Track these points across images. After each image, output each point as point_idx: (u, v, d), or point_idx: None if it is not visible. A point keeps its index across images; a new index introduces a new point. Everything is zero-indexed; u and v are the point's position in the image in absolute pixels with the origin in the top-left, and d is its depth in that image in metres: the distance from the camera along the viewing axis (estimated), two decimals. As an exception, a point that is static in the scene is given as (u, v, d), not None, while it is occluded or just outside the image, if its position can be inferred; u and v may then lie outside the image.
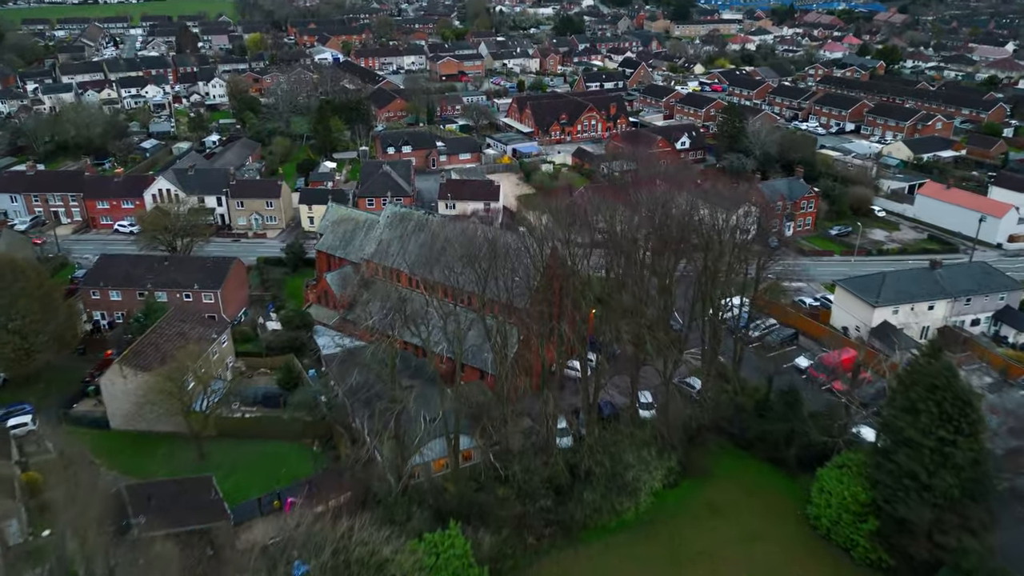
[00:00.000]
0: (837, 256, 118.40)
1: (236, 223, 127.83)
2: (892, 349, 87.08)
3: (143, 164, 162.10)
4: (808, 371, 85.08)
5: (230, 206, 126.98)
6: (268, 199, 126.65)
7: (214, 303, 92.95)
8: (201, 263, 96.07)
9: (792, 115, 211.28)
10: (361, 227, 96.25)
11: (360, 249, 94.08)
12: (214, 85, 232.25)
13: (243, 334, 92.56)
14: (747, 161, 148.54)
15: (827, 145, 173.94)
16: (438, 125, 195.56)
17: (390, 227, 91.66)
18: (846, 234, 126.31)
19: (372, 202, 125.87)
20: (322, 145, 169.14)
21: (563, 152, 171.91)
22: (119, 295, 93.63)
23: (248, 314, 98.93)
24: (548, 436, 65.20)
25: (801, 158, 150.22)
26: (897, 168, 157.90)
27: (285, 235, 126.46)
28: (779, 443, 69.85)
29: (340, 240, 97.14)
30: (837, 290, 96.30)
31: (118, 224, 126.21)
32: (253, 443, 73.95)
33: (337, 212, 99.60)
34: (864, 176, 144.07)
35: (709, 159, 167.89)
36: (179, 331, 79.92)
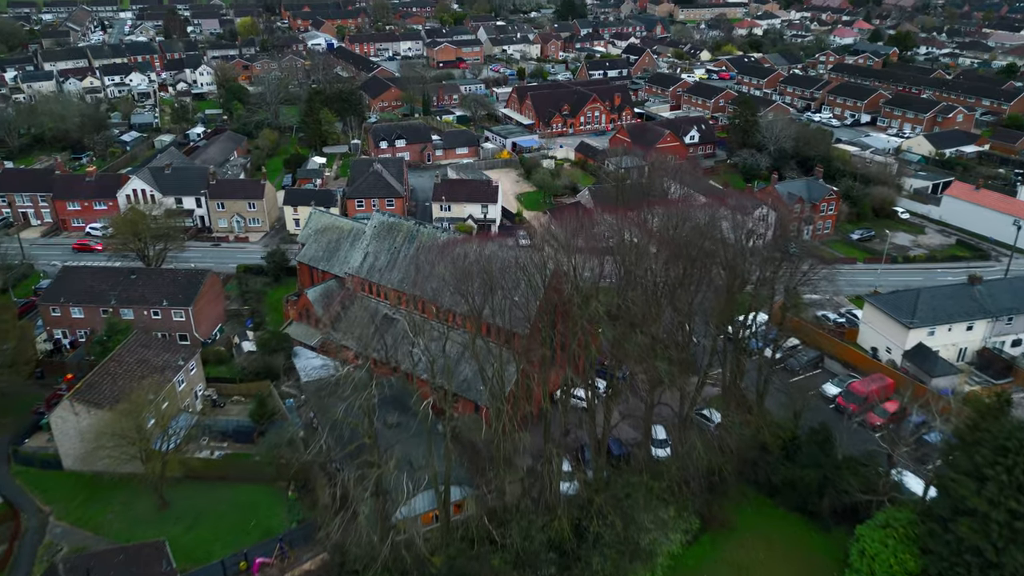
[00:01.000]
0: (861, 264, 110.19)
1: (216, 226, 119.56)
2: (928, 375, 79.36)
3: (122, 159, 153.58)
4: (837, 400, 77.18)
5: (210, 207, 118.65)
6: (250, 200, 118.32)
7: (185, 321, 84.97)
8: (172, 276, 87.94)
9: (804, 106, 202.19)
10: (346, 237, 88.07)
11: (345, 262, 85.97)
12: (202, 73, 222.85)
13: (217, 355, 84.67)
14: (760, 158, 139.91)
15: (843, 139, 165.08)
16: (434, 116, 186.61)
17: (377, 239, 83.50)
18: (868, 238, 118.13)
19: (362, 203, 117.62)
20: (311, 138, 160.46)
21: (565, 146, 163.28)
22: (81, 312, 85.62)
23: (224, 331, 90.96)
24: (550, 490, 57.36)
25: (817, 154, 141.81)
26: (918, 164, 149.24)
27: (269, 238, 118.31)
28: (810, 491, 62.19)
29: (324, 251, 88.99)
30: (866, 307, 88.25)
31: (90, 227, 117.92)
32: (222, 487, 66.28)
33: (320, 220, 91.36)
34: (885, 174, 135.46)
35: (719, 154, 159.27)
36: (140, 358, 72.01)
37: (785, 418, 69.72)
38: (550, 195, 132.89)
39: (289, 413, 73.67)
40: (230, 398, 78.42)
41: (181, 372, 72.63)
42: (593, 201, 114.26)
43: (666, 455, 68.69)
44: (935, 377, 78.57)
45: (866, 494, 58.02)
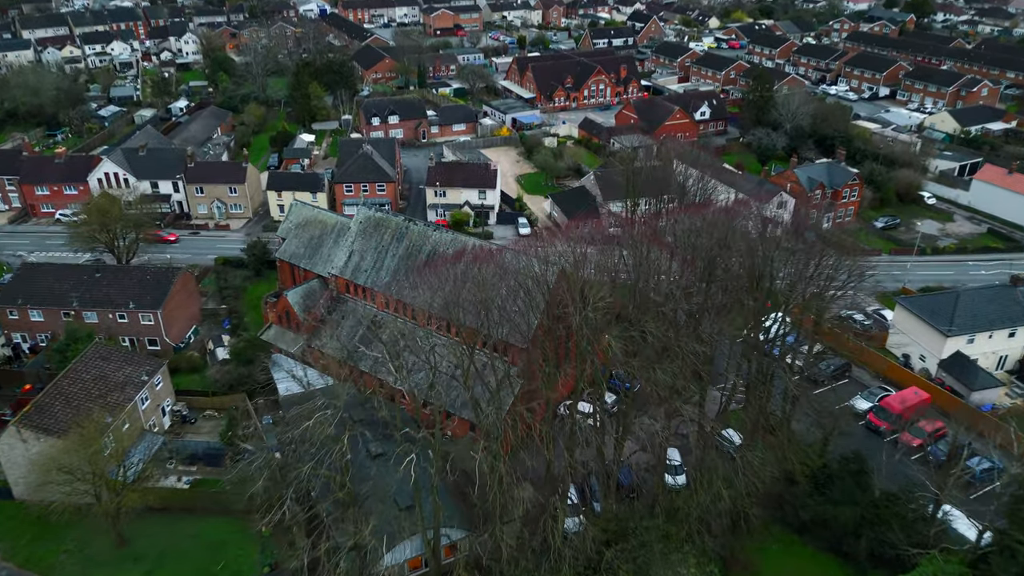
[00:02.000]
0: (886, 256, 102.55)
1: (196, 212, 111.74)
2: (967, 388, 72.47)
3: (99, 136, 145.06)
4: (868, 417, 70.29)
5: (188, 192, 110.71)
6: (231, 184, 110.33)
7: (154, 325, 77.81)
8: (139, 275, 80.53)
9: (819, 78, 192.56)
10: (330, 233, 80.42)
11: (328, 260, 78.46)
12: (186, 41, 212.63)
13: (190, 362, 77.72)
14: (776, 137, 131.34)
15: (862, 115, 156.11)
16: (430, 89, 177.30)
17: (363, 236, 75.89)
18: (893, 226, 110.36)
19: (351, 188, 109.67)
20: (300, 114, 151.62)
21: (568, 122, 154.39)
22: (40, 315, 78.41)
23: (199, 332, 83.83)
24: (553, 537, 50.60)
25: (836, 132, 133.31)
26: (943, 143, 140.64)
27: (252, 225, 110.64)
28: (844, 532, 55.57)
29: (305, 248, 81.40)
30: (898, 309, 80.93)
31: (60, 213, 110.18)
32: (188, 521, 59.73)
33: (302, 213, 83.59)
34: (910, 155, 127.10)
35: (731, 131, 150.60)
36: (99, 374, 64.96)
37: (812, 440, 63.05)
38: (552, 177, 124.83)
39: (265, 433, 66.79)
40: (202, 413, 71.60)
41: (144, 388, 65.65)
42: (599, 187, 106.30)
43: (681, 484, 62.11)
44: (975, 391, 71.73)
45: (912, 543, 51.25)
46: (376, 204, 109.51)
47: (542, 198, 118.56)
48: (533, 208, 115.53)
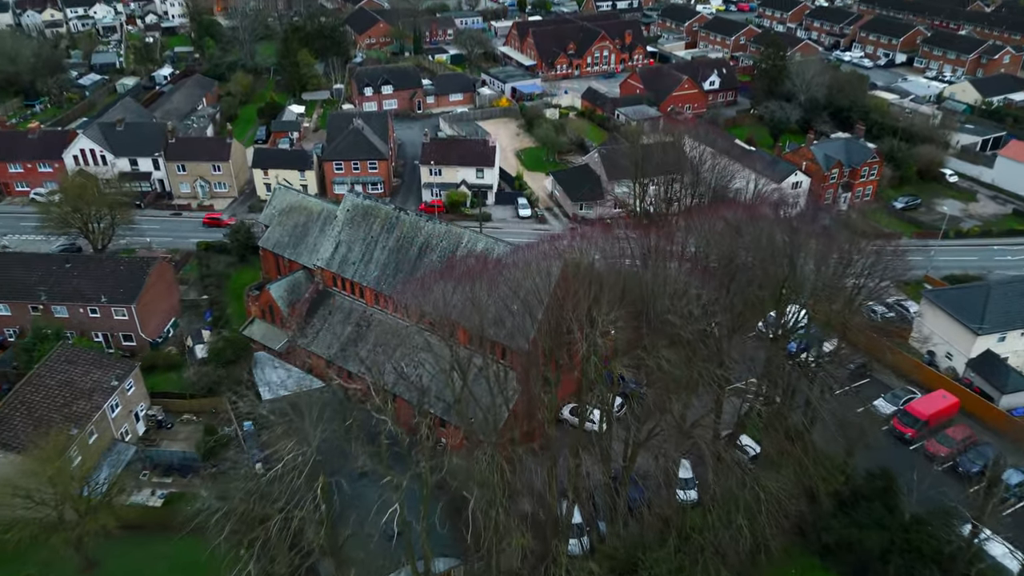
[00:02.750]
0: (907, 239, 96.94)
1: (178, 191, 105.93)
2: (998, 390, 67.77)
3: (79, 106, 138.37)
4: (892, 423, 65.65)
5: (169, 170, 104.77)
6: (215, 162, 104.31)
7: (128, 320, 72.80)
8: (113, 266, 75.23)
9: (833, 43, 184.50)
10: (315, 221, 74.93)
11: (314, 250, 73.13)
12: (172, 3, 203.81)
13: (168, 360, 72.89)
14: (790, 109, 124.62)
15: (878, 84, 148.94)
16: (426, 56, 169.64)
17: (351, 225, 70.43)
18: (914, 206, 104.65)
19: (341, 165, 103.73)
20: (289, 83, 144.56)
21: (571, 91, 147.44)
22: (7, 309, 73.39)
23: (179, 325, 78.84)
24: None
25: (853, 103, 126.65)
26: (963, 115, 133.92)
27: (238, 205, 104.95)
28: (870, 556, 51.27)
29: (289, 236, 75.99)
30: (923, 304, 75.81)
31: (34, 192, 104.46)
32: (162, 541, 55.18)
33: (285, 198, 77.97)
34: (931, 129, 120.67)
35: (742, 102, 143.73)
36: (64, 379, 60.17)
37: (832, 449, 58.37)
38: (554, 152, 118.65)
39: (247, 441, 62.28)
40: (179, 417, 66.98)
41: (115, 394, 60.88)
42: (603, 166, 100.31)
43: (693, 499, 57.70)
44: (1006, 393, 67.03)
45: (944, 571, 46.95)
46: (369, 183, 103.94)
47: (543, 175, 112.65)
48: (534, 187, 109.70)
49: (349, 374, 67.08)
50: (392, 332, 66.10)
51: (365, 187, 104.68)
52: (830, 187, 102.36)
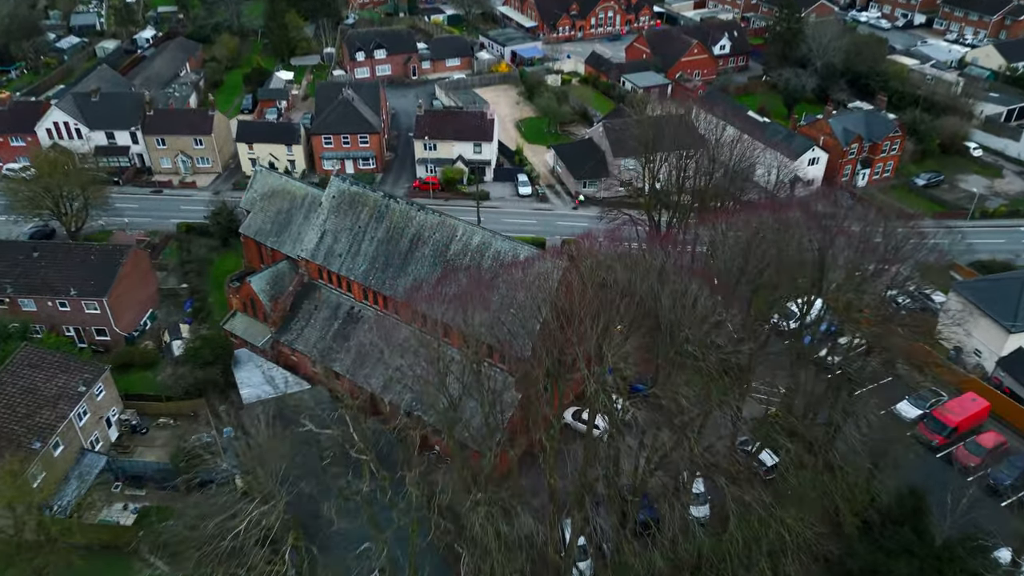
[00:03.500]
0: (929, 220, 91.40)
1: (158, 166, 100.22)
2: (1031, 392, 63.32)
3: (57, 73, 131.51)
4: (918, 428, 61.35)
5: (148, 145, 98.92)
6: (196, 135, 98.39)
7: (101, 314, 68.11)
8: (83, 255, 70.16)
9: (848, 2, 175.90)
10: (299, 207, 69.67)
11: (298, 239, 68.07)
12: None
13: (144, 356, 68.44)
14: (805, 77, 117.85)
15: (897, 48, 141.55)
16: (421, 16, 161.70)
17: (336, 213, 65.19)
18: (936, 183, 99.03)
19: (330, 140, 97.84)
20: (277, 47, 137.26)
21: (573, 56, 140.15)
22: (-30, 302, 68.66)
23: (156, 317, 74.16)
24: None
25: (871, 70, 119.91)
26: (987, 82, 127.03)
27: (222, 182, 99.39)
28: (898, 585, 47.40)
29: (272, 223, 70.82)
30: (951, 296, 70.96)
31: (6, 168, 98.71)
32: (133, 563, 51.56)
33: (267, 182, 72.53)
34: (954, 98, 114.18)
35: (753, 67, 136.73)
36: (27, 385, 55.71)
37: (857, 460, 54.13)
38: (556, 123, 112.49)
39: (226, 450, 58.00)
40: (155, 420, 62.72)
41: (82, 401, 56.49)
42: (608, 140, 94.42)
43: (704, 516, 53.77)
44: (1039, 396, 62.64)
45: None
46: (360, 158, 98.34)
47: (544, 148, 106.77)
48: (534, 161, 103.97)
49: (336, 374, 62.77)
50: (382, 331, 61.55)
51: (356, 162, 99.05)
52: (848, 163, 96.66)
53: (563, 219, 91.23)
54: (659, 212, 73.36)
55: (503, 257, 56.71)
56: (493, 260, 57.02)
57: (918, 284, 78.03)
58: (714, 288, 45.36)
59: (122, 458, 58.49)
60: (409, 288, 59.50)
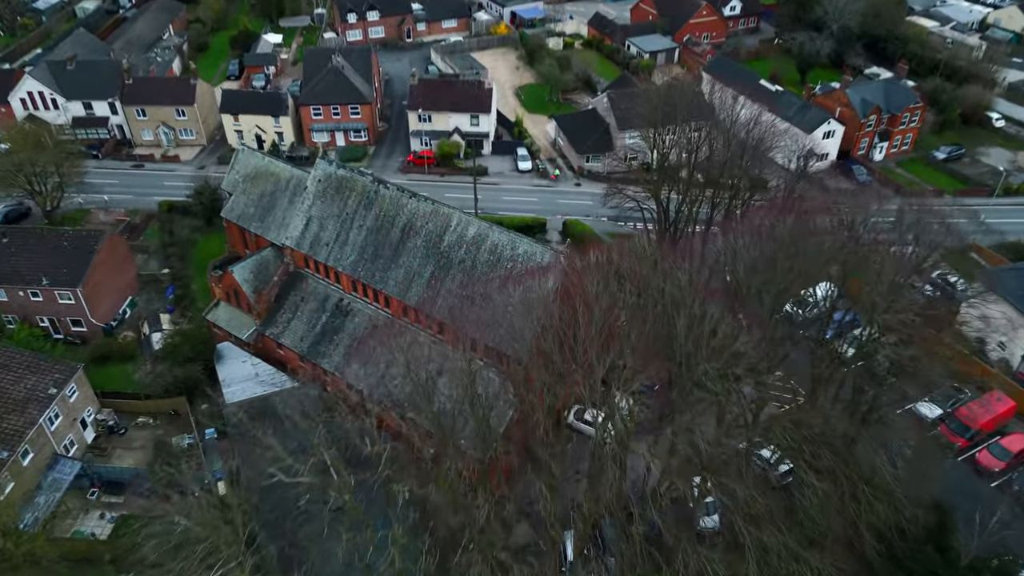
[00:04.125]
0: (949, 198, 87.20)
1: (139, 139, 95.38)
2: (1059, 389, 59.87)
3: (35, 35, 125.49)
4: (939, 429, 58.04)
5: (128, 116, 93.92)
6: (178, 106, 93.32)
7: (75, 305, 64.39)
8: (56, 241, 66.08)
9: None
10: (283, 190, 65.38)
11: (282, 225, 63.97)
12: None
13: (123, 349, 64.93)
14: (820, 41, 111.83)
15: (916, 9, 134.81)
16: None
17: (323, 199, 60.93)
18: (957, 156, 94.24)
19: (319, 111, 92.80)
20: (265, 7, 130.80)
21: (576, 16, 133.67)
22: (-63, 292, 64.92)
23: (136, 305, 70.43)
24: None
25: (890, 33, 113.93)
26: (1010, 45, 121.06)
27: (206, 156, 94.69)
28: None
29: (256, 207, 66.60)
30: (979, 283, 66.99)
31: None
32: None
33: (249, 163, 68.05)
34: (976, 64, 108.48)
35: (765, 29, 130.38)
36: (-6, 389, 52.24)
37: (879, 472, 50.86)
38: (557, 91, 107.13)
39: (207, 454, 54.95)
40: (134, 420, 59.46)
41: (54, 403, 53.12)
42: (613, 112, 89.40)
43: (714, 527, 50.77)
44: (1068, 395, 59.19)
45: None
46: (351, 129, 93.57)
47: (545, 118, 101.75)
48: (535, 131, 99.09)
49: (325, 371, 59.34)
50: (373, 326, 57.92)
51: (347, 134, 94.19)
52: (865, 136, 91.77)
53: (565, 196, 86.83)
54: (667, 195, 68.63)
55: (501, 251, 52.67)
56: (490, 254, 53.00)
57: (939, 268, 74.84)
58: (734, 309, 41.28)
59: (98, 462, 55.36)
60: (402, 281, 55.74)
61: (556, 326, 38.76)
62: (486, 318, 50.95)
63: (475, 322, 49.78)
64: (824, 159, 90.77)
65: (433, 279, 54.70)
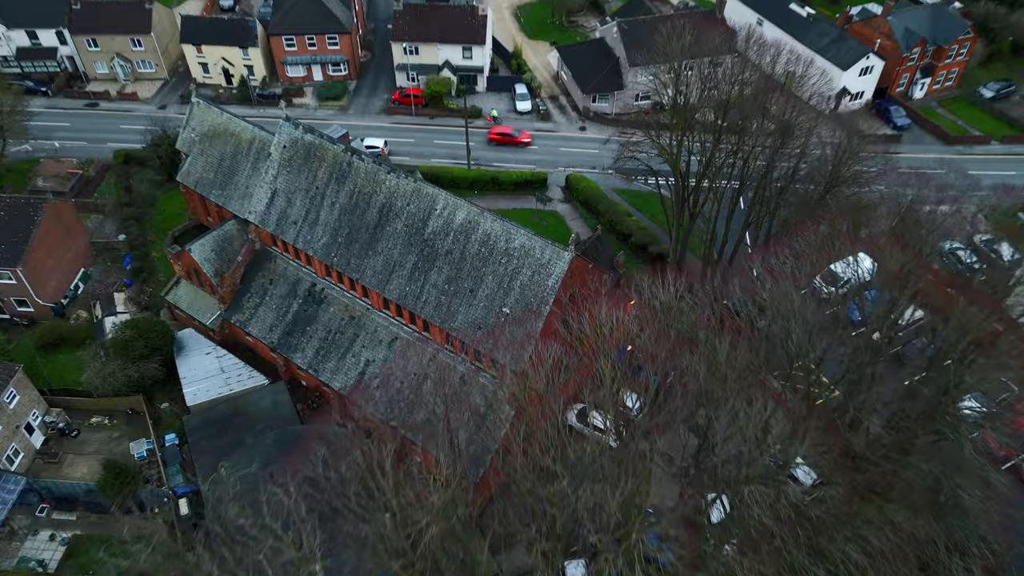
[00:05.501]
0: (997, 144, 78.38)
1: (93, 72, 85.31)
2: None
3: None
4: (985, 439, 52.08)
5: (78, 46, 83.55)
6: (134, 35, 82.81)
7: (17, 285, 57.30)
8: (-10, 210, 58.32)
9: None
10: (245, 153, 57.01)
11: (245, 195, 56.11)
12: None
13: (74, 333, 58.20)
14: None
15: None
16: None
17: (289, 169, 52.69)
18: (1006, 94, 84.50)
19: (292, 41, 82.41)
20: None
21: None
22: None
23: (89, 279, 63.25)
24: None
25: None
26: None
27: (168, 92, 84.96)
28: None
29: (215, 172, 58.38)
30: (1030, 260, 59.62)
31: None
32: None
33: (206, 119, 59.19)
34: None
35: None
36: (-82, 402, 45.96)
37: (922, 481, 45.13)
38: (562, 14, 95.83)
39: (168, 465, 49.30)
40: (88, 420, 53.53)
41: (-10, 414, 47.04)
42: (623, 44, 79.04)
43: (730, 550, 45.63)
44: None
45: None
46: (330, 63, 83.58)
47: (547, 47, 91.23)
48: (535, 62, 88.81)
49: (298, 369, 53.03)
50: (350, 315, 51.21)
51: (325, 68, 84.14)
52: (906, 71, 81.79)
53: (568, 143, 77.91)
54: (687, 144, 58.97)
55: (494, 244, 45.13)
56: (481, 246, 45.49)
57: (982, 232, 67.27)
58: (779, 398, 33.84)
59: (48, 473, 49.78)
60: (380, 271, 48.48)
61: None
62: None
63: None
64: (859, 98, 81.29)
65: (416, 271, 47.42)
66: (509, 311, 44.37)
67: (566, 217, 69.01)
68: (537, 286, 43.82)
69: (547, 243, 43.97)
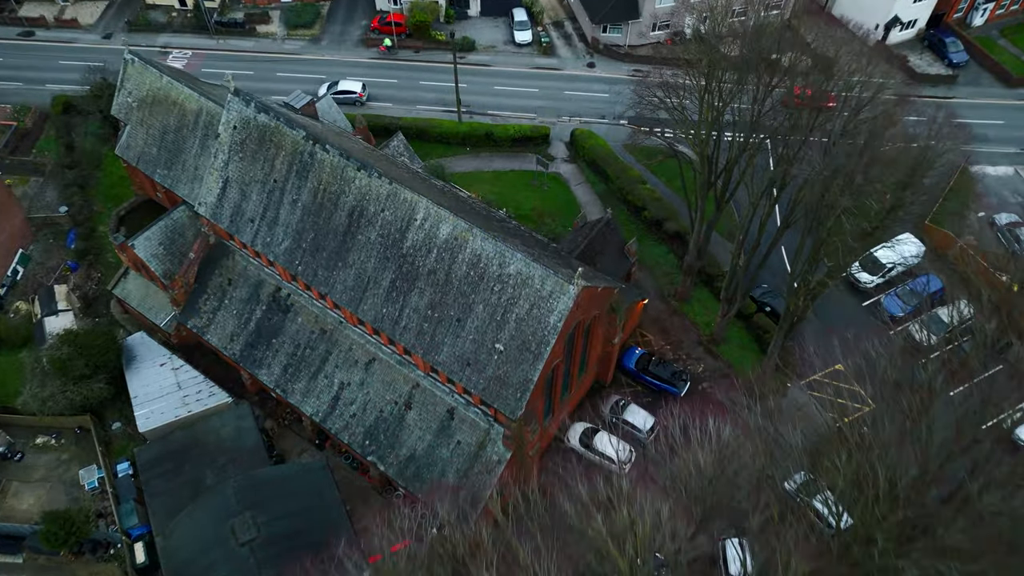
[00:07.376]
0: (1063, 88, 68.38)
1: (25, -7, 73.97)
2: None
3: None
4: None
5: (3, -38, 71.80)
6: (67, -51, 70.90)
7: (-59, 280, 50.04)
8: (-100, 192, 50.02)
9: None
10: (192, 127, 48.07)
11: (195, 177, 47.82)
12: None
13: (14, 332, 51.39)
14: None
15: None
16: None
17: (242, 155, 44.04)
18: (1077, 23, 73.42)
19: (254, -44, 70.47)
20: None
21: None
22: None
23: (29, 261, 55.76)
24: None
25: None
26: None
27: (112, 18, 73.91)
28: None
29: (158, 147, 49.60)
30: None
31: None
32: None
33: (145, 82, 49.61)
34: None
35: None
36: None
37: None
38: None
39: (121, 500, 43.92)
40: (33, 440, 47.72)
41: (-90, 454, 41.08)
42: (641, -35, 67.43)
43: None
44: None
45: None
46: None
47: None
48: None
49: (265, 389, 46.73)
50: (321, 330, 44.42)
51: (293, -12, 72.66)
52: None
53: (574, 83, 67.92)
54: (720, 119, 48.25)
55: (485, 267, 37.54)
56: (470, 268, 37.90)
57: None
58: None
59: (-14, 511, 44.54)
60: (352, 287, 41.15)
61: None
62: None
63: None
64: (910, 27, 70.50)
65: (394, 291, 40.06)
66: (503, 348, 37.46)
67: (570, 181, 60.51)
68: (536, 322, 36.67)
69: (548, 272, 36.36)
